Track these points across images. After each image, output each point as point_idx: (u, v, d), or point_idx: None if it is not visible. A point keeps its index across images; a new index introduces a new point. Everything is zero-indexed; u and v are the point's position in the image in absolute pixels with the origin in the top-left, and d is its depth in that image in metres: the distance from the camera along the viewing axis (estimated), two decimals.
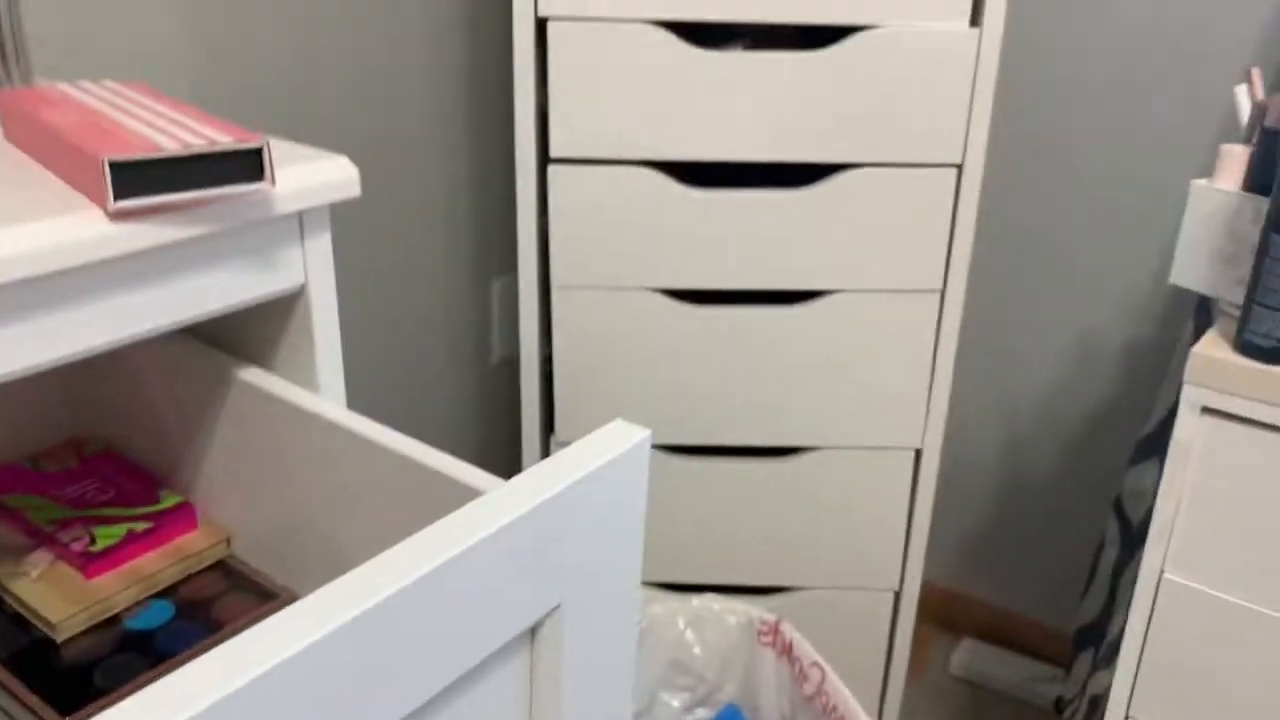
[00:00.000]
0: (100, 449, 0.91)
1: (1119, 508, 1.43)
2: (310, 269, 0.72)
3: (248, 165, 0.62)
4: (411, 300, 1.51)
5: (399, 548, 0.49)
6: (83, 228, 0.57)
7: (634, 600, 0.63)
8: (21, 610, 0.74)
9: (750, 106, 1.14)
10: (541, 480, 0.56)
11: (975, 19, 1.12)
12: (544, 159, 1.19)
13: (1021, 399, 1.64)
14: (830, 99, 1.13)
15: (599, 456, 0.58)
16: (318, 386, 0.75)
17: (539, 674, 0.59)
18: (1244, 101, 1.01)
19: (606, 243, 1.20)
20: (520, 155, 1.17)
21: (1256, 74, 1.00)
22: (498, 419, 1.77)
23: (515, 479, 0.55)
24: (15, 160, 0.67)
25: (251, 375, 0.75)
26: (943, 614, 1.83)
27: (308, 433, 0.72)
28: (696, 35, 1.15)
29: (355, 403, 1.43)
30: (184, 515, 0.82)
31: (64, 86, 0.74)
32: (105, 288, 0.61)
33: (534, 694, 0.60)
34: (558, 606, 0.58)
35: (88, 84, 0.75)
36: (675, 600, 1.24)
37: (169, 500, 0.83)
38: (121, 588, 0.76)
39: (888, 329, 1.23)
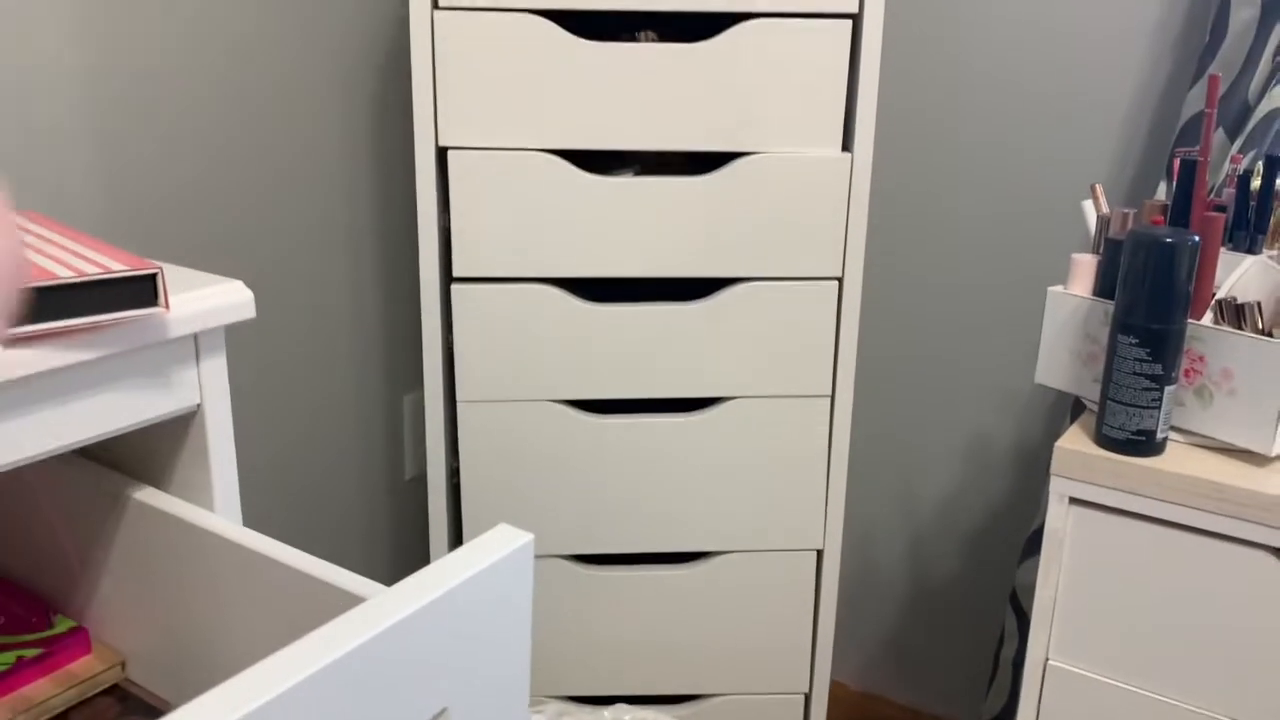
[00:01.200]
0: None
1: (1014, 601, 1.48)
2: (205, 389, 0.75)
3: (142, 291, 0.65)
4: (323, 418, 1.52)
5: (277, 656, 0.50)
6: None
7: (522, 704, 0.65)
8: None
9: (642, 227, 1.20)
10: (425, 583, 0.58)
11: (846, 144, 1.21)
12: (448, 278, 1.24)
13: (921, 499, 1.70)
14: (715, 219, 1.20)
15: (482, 560, 0.60)
16: (213, 505, 0.77)
17: None
18: (1090, 214, 1.10)
19: (510, 357, 1.24)
20: (425, 275, 1.21)
21: (1099, 189, 1.09)
22: (410, 536, 1.77)
23: (398, 584, 0.57)
24: None
25: (146, 495, 0.76)
26: (854, 715, 1.84)
27: (202, 550, 0.73)
28: (590, 162, 1.21)
29: (261, 523, 1.43)
30: (77, 640, 0.81)
31: None
32: (3, 410, 0.63)
33: None
34: (443, 711, 0.59)
35: None
36: (587, 713, 1.24)
37: (62, 625, 0.83)
38: (9, 718, 0.75)
39: (783, 433, 1.28)
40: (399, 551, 1.76)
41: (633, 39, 1.21)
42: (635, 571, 1.32)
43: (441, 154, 1.20)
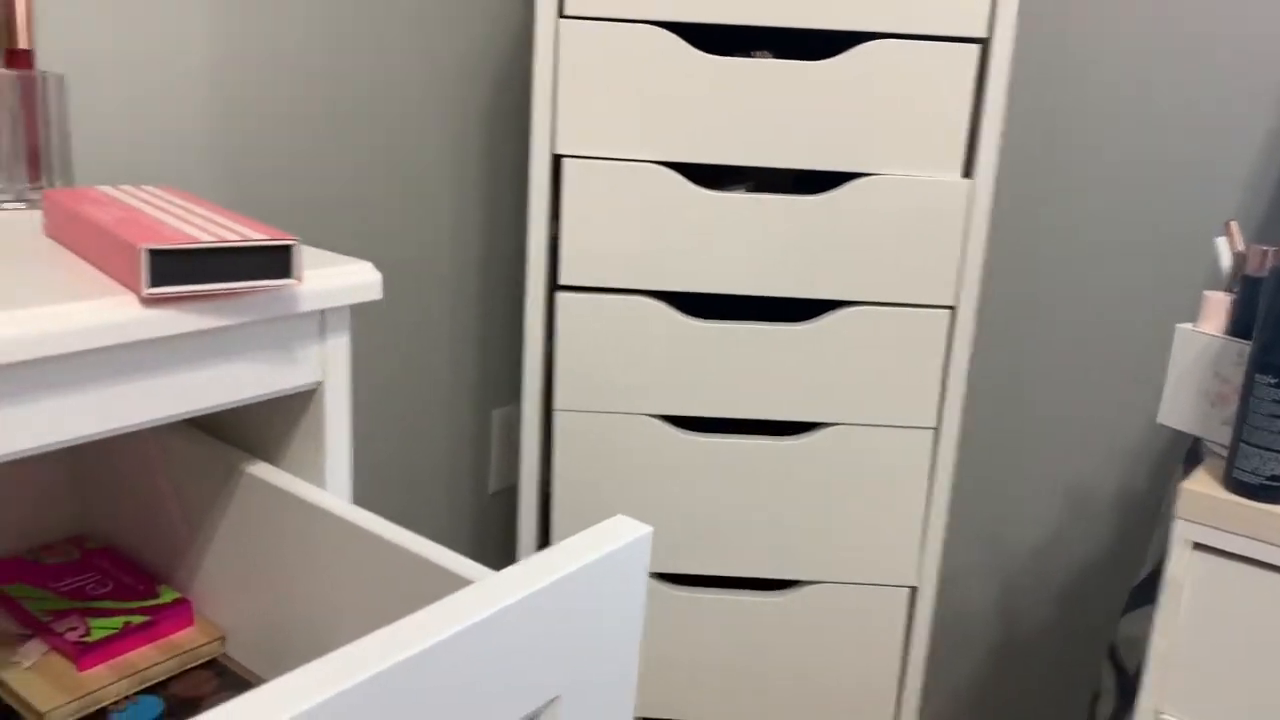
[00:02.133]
0: (101, 544, 0.92)
1: (1114, 656, 1.42)
2: (328, 367, 0.75)
3: (277, 262, 0.65)
4: (413, 425, 1.53)
5: (383, 632, 0.49)
6: (117, 310, 0.60)
7: (630, 698, 0.63)
8: (11, 700, 0.74)
9: (750, 244, 1.19)
10: (542, 567, 0.56)
11: (968, 170, 1.18)
12: (552, 286, 1.24)
13: (1015, 545, 1.64)
14: (827, 239, 1.18)
15: (602, 547, 0.59)
16: (324, 483, 0.77)
17: None
18: (1224, 251, 1.06)
19: (610, 369, 1.23)
20: (530, 282, 1.22)
21: (1235, 227, 1.05)
22: (492, 550, 1.77)
23: (512, 568, 0.56)
24: (55, 253, 0.71)
25: (259, 469, 0.77)
26: None
27: (311, 527, 0.73)
28: (703, 177, 1.21)
29: None
30: (181, 611, 0.82)
31: (105, 189, 0.78)
32: (134, 370, 0.63)
33: None
34: (555, 699, 0.57)
35: (128, 187, 0.79)
36: None
37: (167, 596, 0.83)
38: (112, 680, 0.76)
39: (883, 464, 1.25)
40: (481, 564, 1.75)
41: (748, 55, 1.21)
42: (720, 595, 1.30)
43: (555, 162, 1.20)
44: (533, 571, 0.55)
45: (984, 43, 1.15)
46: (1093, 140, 1.47)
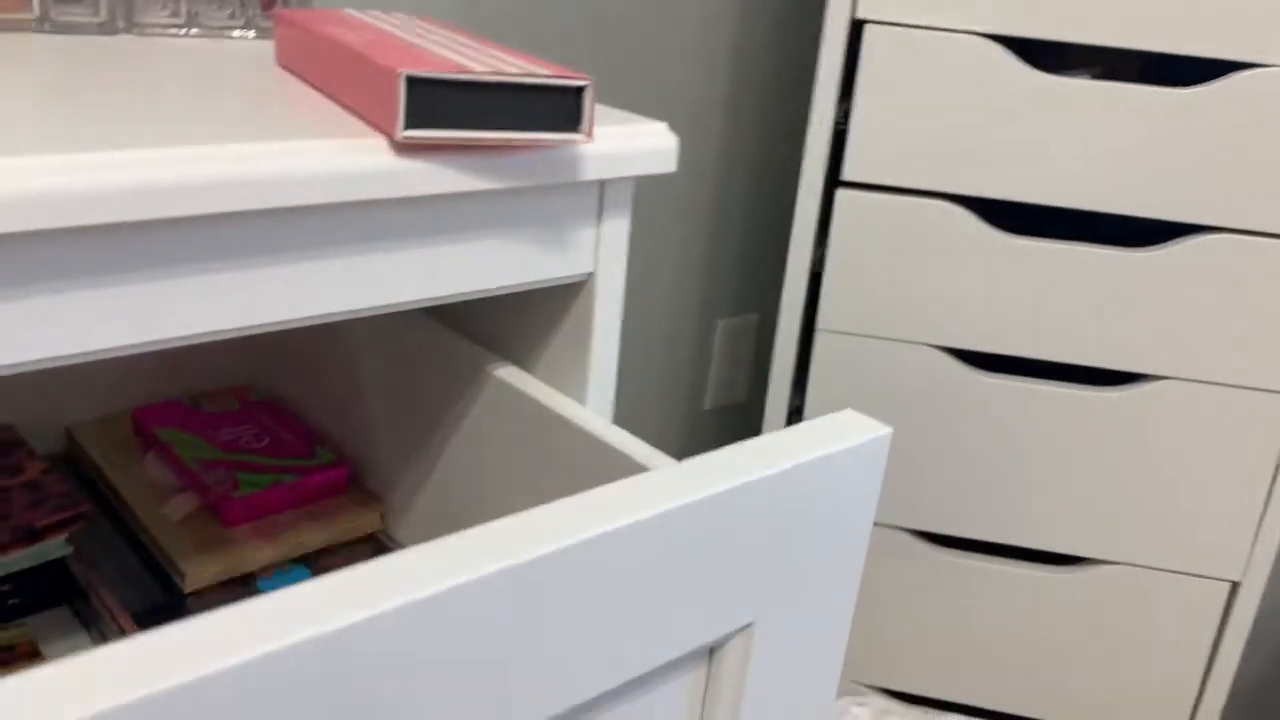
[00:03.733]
0: (264, 397, 0.82)
1: None
2: (602, 254, 0.59)
3: (565, 109, 0.49)
4: (624, 327, 1.38)
5: (545, 509, 0.37)
6: (361, 156, 0.45)
7: (843, 636, 0.48)
8: (158, 554, 0.65)
9: (1089, 146, 0.95)
10: (749, 458, 0.41)
11: None
12: (831, 181, 1.04)
13: None
14: (1192, 147, 0.94)
15: (827, 445, 0.43)
16: (585, 398, 0.61)
17: (713, 705, 0.45)
18: None
19: (889, 286, 1.03)
20: (807, 173, 1.02)
21: None
22: None
23: (711, 454, 0.42)
24: (287, 85, 0.57)
25: (512, 376, 0.62)
26: None
27: (562, 445, 0.58)
28: (1035, 57, 0.98)
29: None
30: (335, 475, 0.73)
31: (351, 11, 0.64)
32: (375, 237, 0.49)
33: None
34: (748, 626, 0.43)
35: (377, 13, 0.64)
36: (916, 717, 1.04)
37: (323, 457, 0.73)
38: (263, 546, 0.66)
39: (1221, 433, 1.01)
40: None
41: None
42: (994, 564, 1.10)
43: (854, 29, 0.99)
44: (738, 463, 0.41)
45: None
46: None
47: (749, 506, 0.40)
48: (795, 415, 1.13)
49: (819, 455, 0.42)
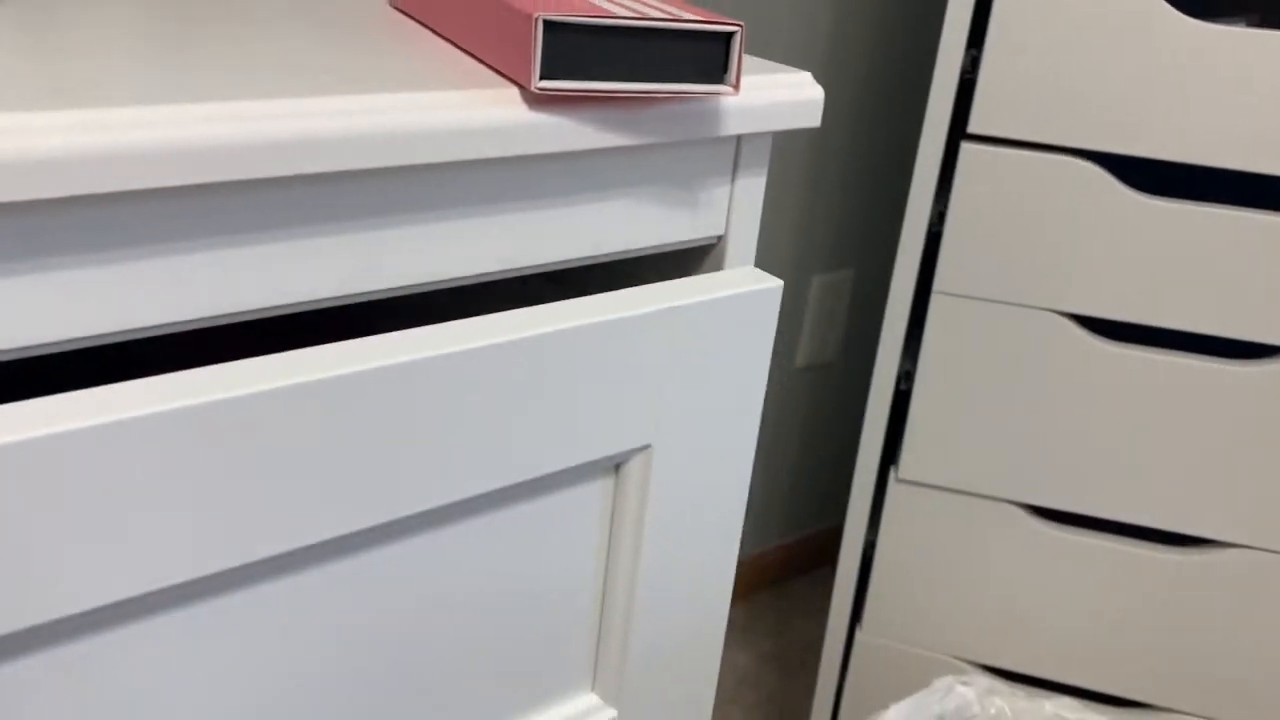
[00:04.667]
0: None
1: None
2: (734, 216, 0.54)
3: (711, 59, 0.44)
4: None
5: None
6: (493, 110, 0.41)
7: (743, 462, 0.54)
8: None
9: (1246, 100, 0.88)
10: (642, 297, 0.48)
11: None
12: (955, 134, 0.98)
13: None
14: None
15: (720, 289, 0.50)
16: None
17: (620, 518, 0.52)
18: None
19: (1014, 248, 0.97)
20: (930, 124, 0.96)
21: None
22: (793, 430, 1.58)
23: (619, 292, 0.48)
24: (403, 30, 0.53)
25: None
26: None
27: None
28: (1186, 3, 0.90)
29: None
30: None
31: None
32: (499, 197, 0.45)
33: (611, 543, 0.52)
34: (648, 447, 0.50)
35: None
36: (1023, 698, 1.00)
37: None
38: None
39: None
40: (777, 447, 1.57)
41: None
42: (1104, 541, 1.05)
43: None
44: (638, 297, 0.48)
45: None
46: None
47: (645, 336, 0.47)
48: (905, 379, 1.08)
49: (712, 298, 0.49)
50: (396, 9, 0.57)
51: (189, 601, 0.39)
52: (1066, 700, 1.00)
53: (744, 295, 0.50)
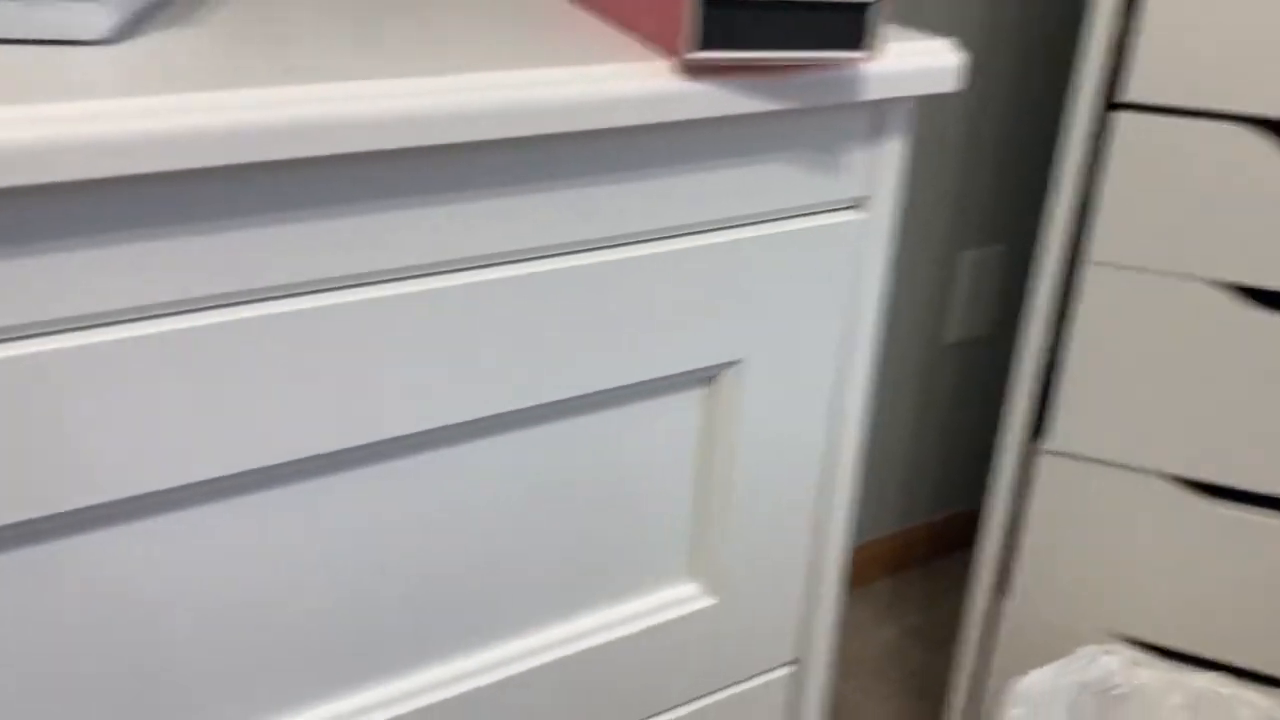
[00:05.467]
0: None
1: None
2: (875, 181, 0.57)
3: (850, 26, 0.47)
4: None
5: None
6: (647, 80, 0.46)
7: (826, 374, 0.60)
8: None
9: None
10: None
11: None
12: (1107, 102, 0.97)
13: None
14: None
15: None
16: (854, 343, 0.60)
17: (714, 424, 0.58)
18: None
19: (1167, 222, 0.95)
20: (1079, 92, 0.95)
21: None
22: (941, 408, 1.57)
23: None
24: (553, 5, 0.58)
25: None
26: None
27: None
28: None
29: None
30: None
31: None
32: (647, 163, 0.49)
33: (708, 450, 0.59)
34: (740, 361, 0.56)
35: None
36: (1173, 672, 0.99)
37: None
38: None
39: None
40: (926, 421, 1.57)
41: None
42: (1261, 516, 1.02)
43: None
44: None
45: None
46: None
47: (736, 260, 0.53)
48: (1050, 353, 1.08)
49: (795, 228, 0.55)
50: None
51: (334, 470, 0.47)
52: (1217, 676, 0.99)
53: (829, 226, 0.56)
